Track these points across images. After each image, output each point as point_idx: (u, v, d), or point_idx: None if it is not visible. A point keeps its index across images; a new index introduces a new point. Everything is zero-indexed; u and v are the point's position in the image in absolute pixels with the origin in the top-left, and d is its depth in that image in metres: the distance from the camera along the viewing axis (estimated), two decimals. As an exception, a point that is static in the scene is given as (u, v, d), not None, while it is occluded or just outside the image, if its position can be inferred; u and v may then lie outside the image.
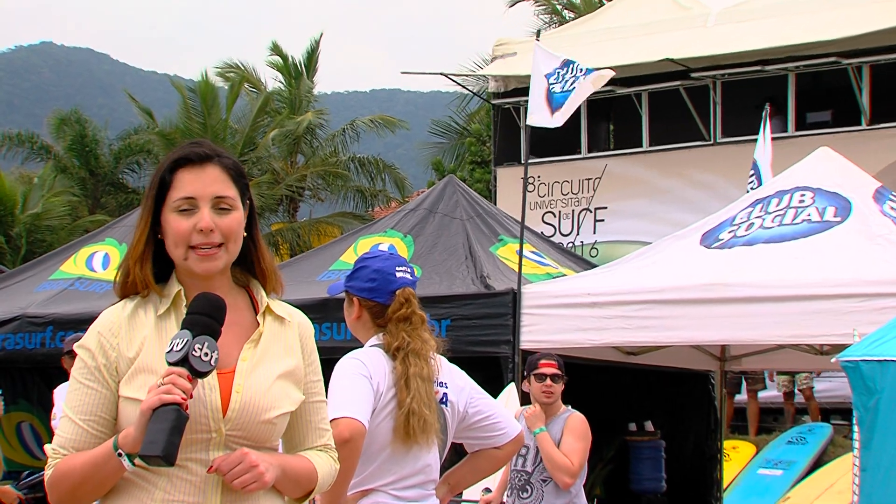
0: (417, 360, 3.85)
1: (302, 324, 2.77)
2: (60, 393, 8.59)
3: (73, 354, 8.50)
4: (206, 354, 2.41)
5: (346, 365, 3.81)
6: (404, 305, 3.93)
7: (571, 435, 6.38)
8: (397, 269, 3.99)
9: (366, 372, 3.78)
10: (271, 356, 2.65)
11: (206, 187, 2.59)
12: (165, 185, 2.62)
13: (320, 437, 2.79)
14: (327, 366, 2.88)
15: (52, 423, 8.51)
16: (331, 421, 3.55)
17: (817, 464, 12.87)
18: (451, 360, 4.09)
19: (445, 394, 3.98)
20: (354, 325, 4.03)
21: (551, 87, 8.50)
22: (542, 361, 6.59)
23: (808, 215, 7.52)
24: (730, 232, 7.77)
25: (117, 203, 30.02)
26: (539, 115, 8.54)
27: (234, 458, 2.49)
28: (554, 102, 8.51)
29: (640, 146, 17.75)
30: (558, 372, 6.55)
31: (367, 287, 3.96)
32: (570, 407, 6.62)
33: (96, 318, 2.66)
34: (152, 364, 2.52)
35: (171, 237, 2.59)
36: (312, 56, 30.47)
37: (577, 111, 17.92)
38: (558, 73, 8.55)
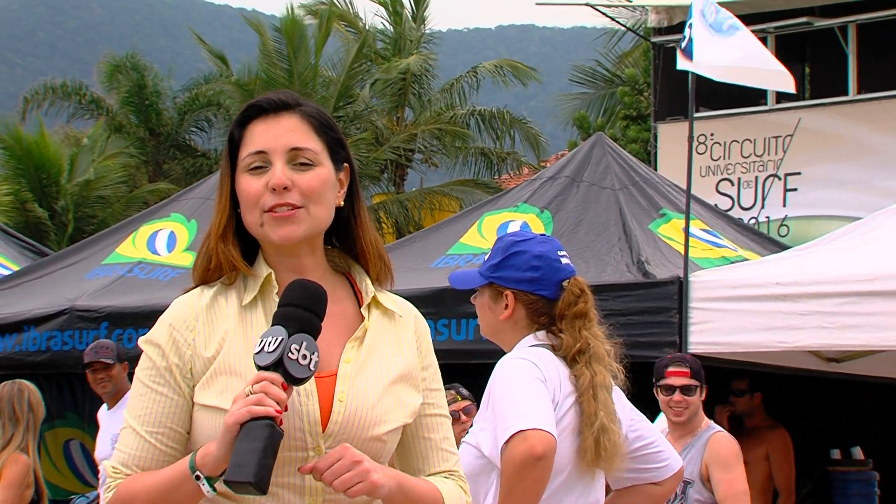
0: (600, 366, 3.88)
1: (418, 320, 2.80)
2: (110, 417, 8.76)
3: (94, 368, 8.61)
4: (305, 357, 2.42)
5: (514, 367, 3.80)
6: (581, 298, 3.95)
7: (720, 466, 6.33)
8: (559, 253, 4.01)
9: (541, 376, 3.77)
10: (380, 357, 2.68)
11: (279, 138, 2.63)
12: (235, 142, 2.68)
13: (445, 459, 2.78)
14: (444, 372, 2.89)
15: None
16: (515, 434, 3.60)
17: None
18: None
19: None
20: (500, 325, 4.02)
21: (705, 19, 8.41)
22: (671, 368, 6.53)
23: None
24: (965, 204, 7.60)
25: (184, 169, 30.63)
26: (700, 57, 8.45)
27: (333, 455, 2.49)
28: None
29: (845, 94, 17.41)
30: (692, 382, 6.48)
31: (527, 277, 3.96)
32: (711, 422, 6.59)
33: (160, 311, 2.72)
34: (235, 364, 2.57)
35: (243, 201, 2.64)
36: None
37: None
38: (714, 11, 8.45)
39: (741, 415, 9.17)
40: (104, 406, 8.88)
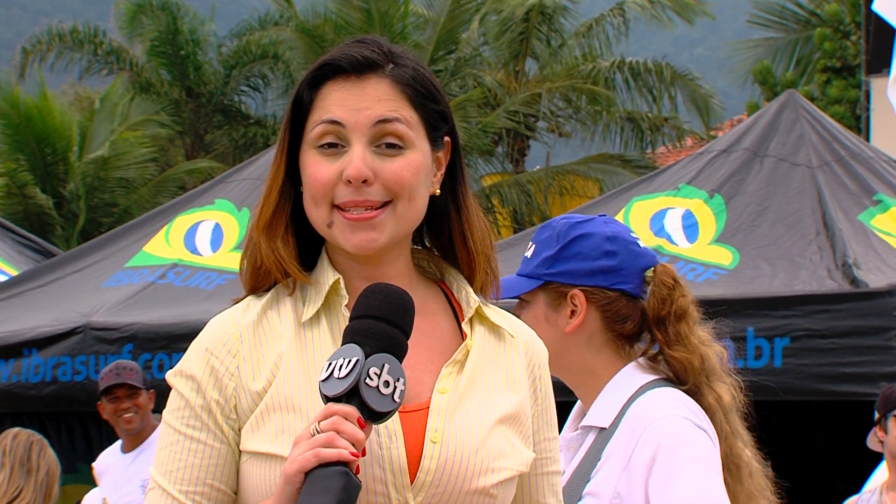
0: (720, 382, 3.73)
1: (532, 344, 2.81)
2: (128, 464, 8.71)
3: (116, 395, 8.60)
4: (387, 384, 2.44)
5: (691, 437, 3.60)
6: (676, 290, 3.76)
7: None
8: (633, 236, 3.86)
9: (712, 443, 3.64)
10: (486, 386, 2.68)
11: (362, 109, 2.62)
12: (303, 107, 2.68)
13: None
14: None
15: None
16: None
17: None
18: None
19: None
20: (565, 343, 3.77)
21: None
22: None
23: None
24: None
25: (232, 141, 30.89)
26: None
27: None
28: None
29: None
30: None
31: (601, 267, 3.75)
32: None
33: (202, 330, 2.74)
34: (293, 398, 2.59)
35: (308, 188, 2.64)
36: None
37: None
38: None
39: None
40: (113, 448, 8.88)
